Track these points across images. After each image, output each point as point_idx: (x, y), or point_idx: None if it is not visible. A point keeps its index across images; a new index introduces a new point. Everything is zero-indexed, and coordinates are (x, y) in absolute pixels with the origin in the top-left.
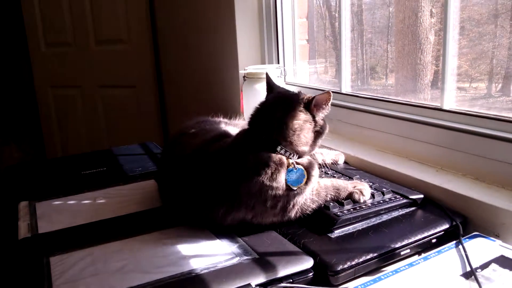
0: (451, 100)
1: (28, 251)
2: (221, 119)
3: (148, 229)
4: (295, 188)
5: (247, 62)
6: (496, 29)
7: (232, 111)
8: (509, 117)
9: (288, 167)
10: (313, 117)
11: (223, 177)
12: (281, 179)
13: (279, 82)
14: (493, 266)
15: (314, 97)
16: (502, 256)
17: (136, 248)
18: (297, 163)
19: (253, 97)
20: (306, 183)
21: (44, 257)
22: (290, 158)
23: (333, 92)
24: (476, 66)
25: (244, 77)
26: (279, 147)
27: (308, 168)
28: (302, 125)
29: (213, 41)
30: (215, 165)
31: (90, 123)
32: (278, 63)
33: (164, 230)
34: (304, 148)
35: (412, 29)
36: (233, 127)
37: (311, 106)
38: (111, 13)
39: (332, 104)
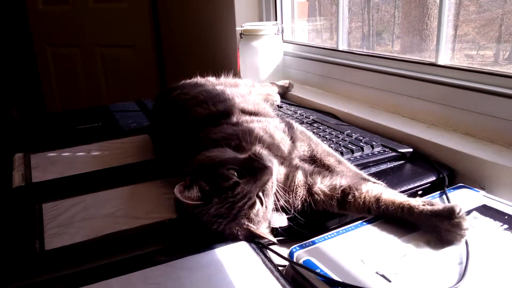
0: (445, 55)
1: (21, 199)
2: (209, 78)
3: (139, 180)
4: None
5: (244, 19)
6: None
7: (229, 68)
8: (501, 71)
9: None
10: None
11: None
12: None
13: (276, 39)
14: (474, 214)
15: None
16: (484, 205)
17: (127, 196)
18: None
19: (249, 55)
20: None
21: (37, 204)
22: None
23: (329, 49)
24: (484, 33)
25: (241, 34)
26: None
27: None
28: None
29: None
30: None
31: (89, 81)
32: (276, 20)
33: (155, 180)
34: None
35: None
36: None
37: None
38: None
39: (329, 62)
